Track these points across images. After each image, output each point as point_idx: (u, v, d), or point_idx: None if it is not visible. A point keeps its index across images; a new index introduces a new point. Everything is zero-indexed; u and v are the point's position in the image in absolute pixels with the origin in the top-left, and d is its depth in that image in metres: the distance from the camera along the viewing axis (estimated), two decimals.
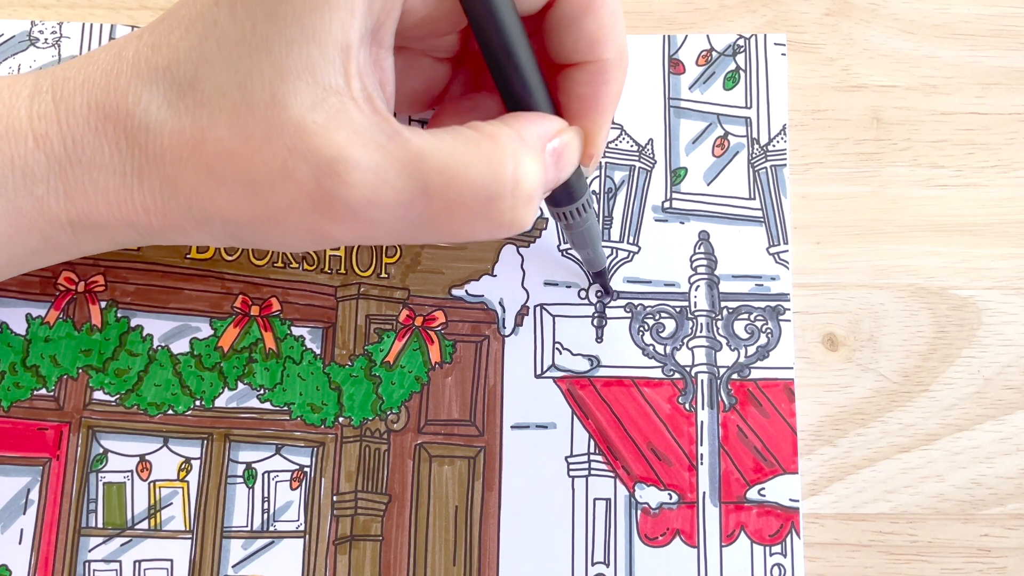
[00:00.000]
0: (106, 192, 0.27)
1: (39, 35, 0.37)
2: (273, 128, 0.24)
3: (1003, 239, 0.36)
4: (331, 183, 0.24)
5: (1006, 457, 0.35)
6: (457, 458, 0.34)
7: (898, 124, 0.37)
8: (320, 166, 0.24)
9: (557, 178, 0.28)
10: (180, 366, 0.35)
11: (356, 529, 0.34)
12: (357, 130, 0.24)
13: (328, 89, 0.24)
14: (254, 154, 0.25)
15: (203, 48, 0.25)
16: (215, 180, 0.25)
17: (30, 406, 0.34)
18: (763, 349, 0.35)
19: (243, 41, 0.24)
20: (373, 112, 0.25)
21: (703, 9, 0.38)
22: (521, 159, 0.25)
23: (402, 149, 0.25)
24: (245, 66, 0.24)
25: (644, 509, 0.34)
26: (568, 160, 0.28)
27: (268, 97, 0.24)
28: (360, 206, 0.25)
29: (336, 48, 0.24)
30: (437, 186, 0.25)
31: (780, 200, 0.36)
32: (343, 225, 0.25)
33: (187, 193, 0.26)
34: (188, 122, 0.25)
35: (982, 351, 0.35)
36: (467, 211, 0.25)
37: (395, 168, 0.25)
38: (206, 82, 0.25)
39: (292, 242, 0.27)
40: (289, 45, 0.24)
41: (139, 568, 0.33)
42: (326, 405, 0.34)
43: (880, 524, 0.34)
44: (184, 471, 0.34)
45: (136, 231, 0.28)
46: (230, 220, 0.26)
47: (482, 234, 0.26)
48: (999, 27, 0.38)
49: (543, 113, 0.28)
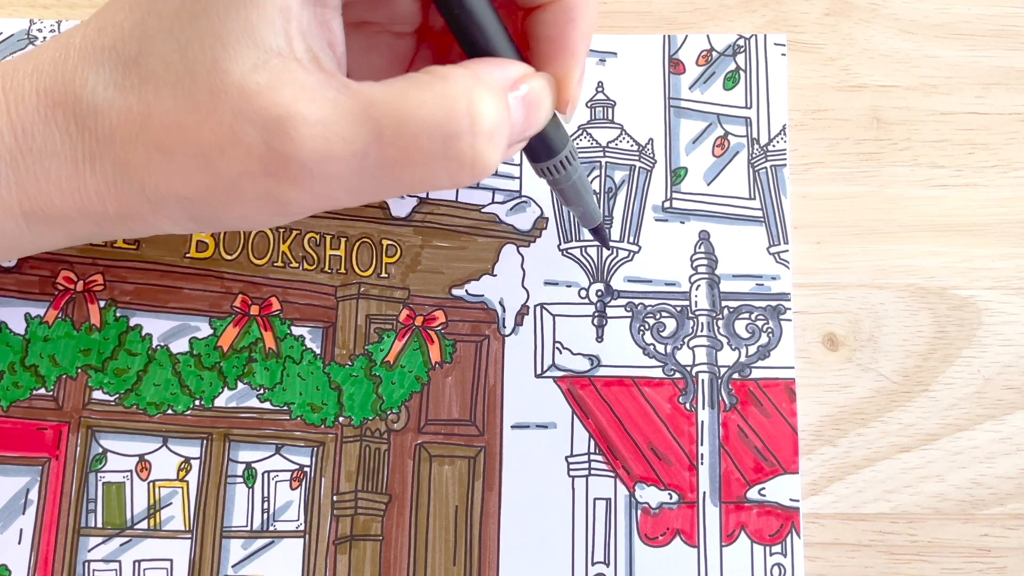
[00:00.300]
0: (59, 180, 0.26)
1: (38, 33, 0.37)
2: (217, 94, 0.24)
3: (1003, 239, 0.36)
4: (280, 142, 0.24)
5: (1006, 457, 0.35)
6: (457, 458, 0.34)
7: (898, 124, 0.37)
8: (267, 126, 0.24)
9: (527, 125, 0.27)
10: (179, 366, 0.35)
11: (356, 529, 0.34)
12: (302, 87, 0.24)
13: (269, 51, 0.24)
14: (200, 123, 0.24)
15: (146, 23, 0.25)
16: (165, 155, 0.25)
17: (29, 406, 0.34)
18: (764, 349, 0.35)
19: (183, 11, 0.24)
20: (319, 70, 0.24)
21: (703, 9, 0.38)
22: (476, 95, 0.25)
23: (351, 99, 0.24)
24: (186, 35, 0.24)
25: (644, 509, 0.34)
26: (540, 107, 0.27)
27: (210, 64, 0.24)
28: (313, 162, 0.24)
29: (275, 10, 0.24)
30: (390, 130, 0.24)
31: (780, 200, 0.36)
32: (300, 187, 0.25)
33: (139, 173, 0.25)
34: (135, 99, 0.25)
35: (982, 351, 0.35)
36: (424, 153, 0.24)
37: (345, 118, 0.24)
38: (149, 56, 0.25)
39: (252, 214, 0.26)
40: (227, 9, 0.24)
41: (139, 568, 0.33)
42: (326, 405, 0.34)
43: (880, 524, 0.34)
44: (184, 471, 0.34)
45: (93, 221, 0.27)
46: (185, 197, 0.26)
47: (444, 179, 0.26)
48: (999, 27, 0.38)
49: (504, 59, 0.27)
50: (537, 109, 0.27)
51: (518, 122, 0.27)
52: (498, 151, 0.25)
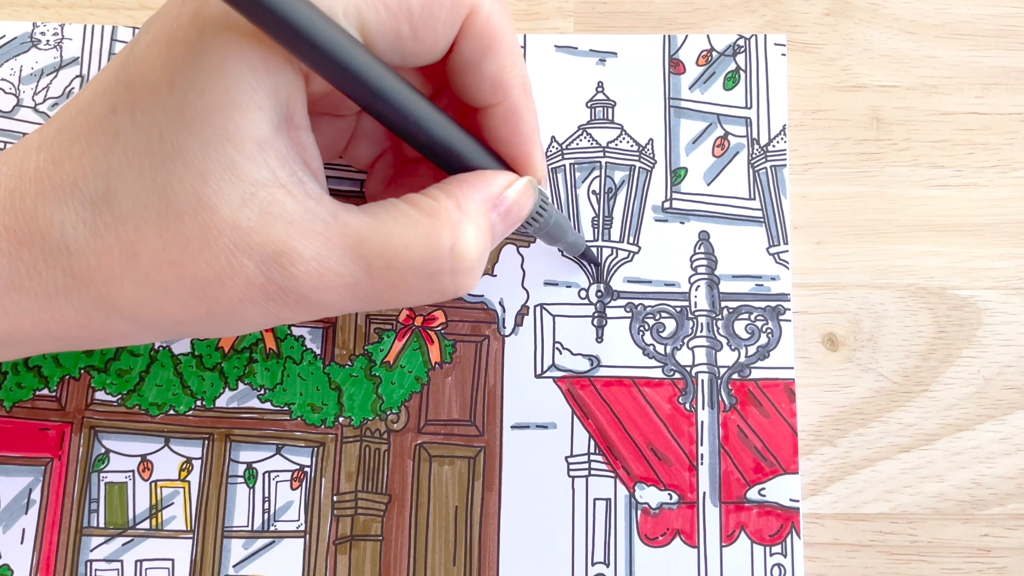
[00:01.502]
0: (29, 311, 0.26)
1: (41, 36, 0.37)
2: (208, 231, 0.24)
3: (1003, 239, 0.36)
4: (279, 276, 0.24)
5: (1006, 457, 0.35)
6: (457, 458, 0.34)
7: (898, 124, 0.37)
8: (264, 260, 0.24)
9: (508, 229, 0.28)
10: (181, 366, 0.35)
11: (356, 529, 0.34)
12: (292, 221, 0.24)
13: (255, 184, 0.24)
14: (195, 258, 0.24)
15: (110, 161, 0.24)
16: (159, 290, 0.25)
17: (32, 406, 0.34)
18: (763, 349, 0.35)
19: (152, 150, 0.24)
20: (306, 197, 0.25)
21: (703, 9, 0.38)
22: (460, 233, 0.26)
23: (341, 235, 0.25)
24: (162, 175, 0.24)
25: (644, 509, 0.34)
26: (521, 211, 0.28)
27: (194, 202, 0.24)
28: (310, 292, 0.25)
29: (253, 143, 0.24)
30: (379, 269, 0.25)
31: (780, 200, 0.36)
32: (296, 309, 0.26)
33: (128, 307, 0.25)
34: (113, 239, 0.24)
35: (982, 351, 0.35)
36: (410, 287, 0.26)
37: (336, 255, 0.25)
38: (122, 196, 0.24)
39: (247, 328, 0.27)
40: (204, 149, 0.24)
41: (140, 568, 0.33)
42: (326, 405, 0.35)
43: (880, 524, 0.34)
44: (185, 471, 0.34)
45: (65, 343, 0.27)
46: (180, 321, 0.26)
47: (427, 301, 0.27)
48: (999, 27, 0.38)
49: (487, 171, 0.28)
50: (519, 212, 0.28)
51: (498, 231, 0.28)
52: (478, 275, 0.27)
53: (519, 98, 0.28)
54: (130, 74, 0.25)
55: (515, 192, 0.28)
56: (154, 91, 0.24)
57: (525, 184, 0.28)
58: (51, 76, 0.37)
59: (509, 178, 0.28)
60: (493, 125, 0.29)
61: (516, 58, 0.28)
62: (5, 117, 0.36)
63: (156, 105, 0.24)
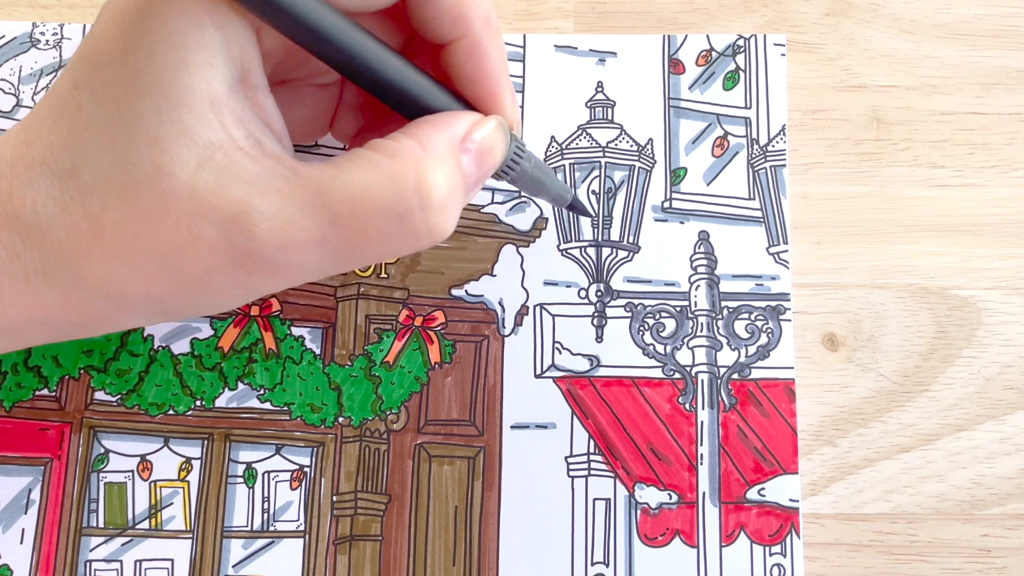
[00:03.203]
0: (11, 295, 0.25)
1: (40, 36, 0.37)
2: (166, 198, 0.24)
3: (1003, 239, 0.36)
4: (241, 238, 0.24)
5: (1006, 457, 0.35)
6: (457, 458, 0.34)
7: (898, 124, 0.37)
8: (225, 223, 0.24)
9: (482, 174, 0.27)
10: (181, 366, 0.35)
11: (356, 529, 0.34)
12: (251, 180, 0.24)
13: (210, 146, 0.24)
14: (155, 228, 0.24)
15: (75, 136, 0.24)
16: (125, 264, 0.24)
17: (32, 406, 0.34)
18: (763, 349, 0.35)
19: (111, 120, 0.24)
20: (264, 156, 0.24)
21: (703, 9, 0.38)
22: (424, 170, 0.25)
23: (302, 188, 0.24)
24: (120, 145, 0.24)
25: (644, 509, 0.34)
26: (493, 153, 0.27)
27: (152, 170, 0.23)
28: (275, 252, 0.24)
29: (206, 104, 0.24)
30: (345, 216, 0.24)
31: (780, 200, 0.36)
32: (266, 274, 0.25)
33: (100, 284, 0.25)
34: (80, 214, 0.24)
35: (982, 351, 0.35)
36: (380, 233, 0.25)
37: (299, 208, 0.24)
38: (86, 169, 0.24)
39: (222, 302, 0.26)
40: (157, 113, 0.23)
41: (140, 568, 0.33)
42: (326, 405, 0.35)
43: (880, 524, 0.34)
44: (185, 471, 0.34)
45: (52, 329, 0.27)
46: (155, 298, 0.25)
47: (403, 250, 0.26)
48: (999, 27, 0.38)
49: (451, 112, 0.27)
50: (491, 156, 0.27)
51: (472, 177, 0.27)
52: (452, 216, 0.26)
53: (481, 31, 0.28)
54: (89, 48, 0.25)
55: (483, 132, 0.27)
56: (110, 62, 0.24)
57: (493, 124, 0.27)
58: (50, 76, 0.37)
59: (474, 118, 0.27)
60: (456, 62, 0.28)
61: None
62: (4, 117, 0.36)
63: (113, 75, 0.24)
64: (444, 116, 0.27)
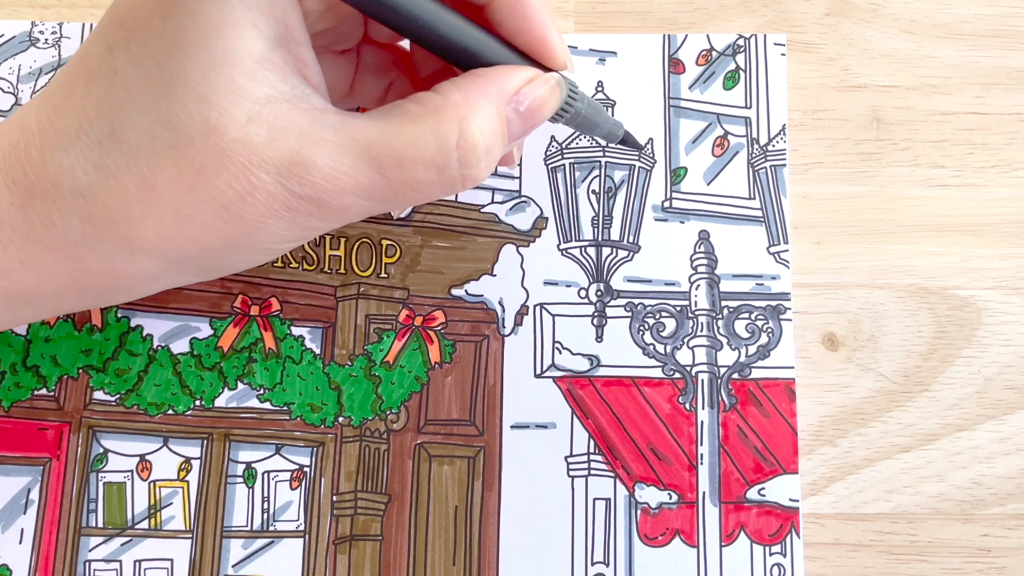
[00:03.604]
0: (49, 264, 0.25)
1: (39, 35, 0.37)
2: (221, 153, 0.24)
3: (1003, 239, 0.36)
4: (297, 186, 0.25)
5: (1006, 457, 0.35)
6: (457, 458, 0.34)
7: (898, 124, 0.37)
8: (281, 172, 0.24)
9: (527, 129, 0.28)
10: (180, 366, 0.35)
11: (356, 529, 0.34)
12: (302, 132, 0.25)
13: (258, 101, 0.24)
14: (213, 181, 0.24)
15: (111, 99, 0.24)
16: (183, 219, 0.25)
17: (30, 406, 0.34)
18: (764, 349, 0.35)
19: (152, 81, 0.24)
20: (311, 108, 0.25)
21: (703, 9, 0.38)
22: (467, 126, 0.26)
23: (351, 140, 0.25)
24: (165, 104, 0.24)
25: (644, 509, 0.34)
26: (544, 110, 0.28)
27: (202, 126, 0.24)
28: (330, 197, 0.25)
29: (252, 61, 0.24)
30: (390, 168, 0.25)
31: (780, 200, 0.36)
32: (319, 217, 0.26)
33: (154, 242, 0.25)
34: (127, 177, 0.24)
35: (982, 351, 0.35)
36: (421, 182, 0.26)
37: (349, 159, 0.25)
38: (129, 131, 0.24)
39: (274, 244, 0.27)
40: (204, 72, 0.24)
41: (139, 568, 0.33)
42: (326, 405, 0.34)
43: (880, 524, 0.34)
44: (184, 471, 0.34)
45: (91, 295, 0.27)
46: (211, 248, 0.26)
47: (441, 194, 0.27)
48: (999, 27, 0.38)
49: (507, 67, 0.28)
50: (541, 112, 0.28)
51: (517, 131, 0.28)
52: (489, 168, 0.27)
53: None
54: (122, 12, 0.25)
55: (537, 88, 0.28)
56: (147, 24, 0.24)
57: (551, 82, 0.28)
58: (49, 75, 0.37)
59: (530, 73, 0.28)
60: (501, 18, 0.28)
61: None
62: (3, 116, 0.36)
63: (151, 36, 0.24)
64: (496, 71, 0.27)
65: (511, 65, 0.28)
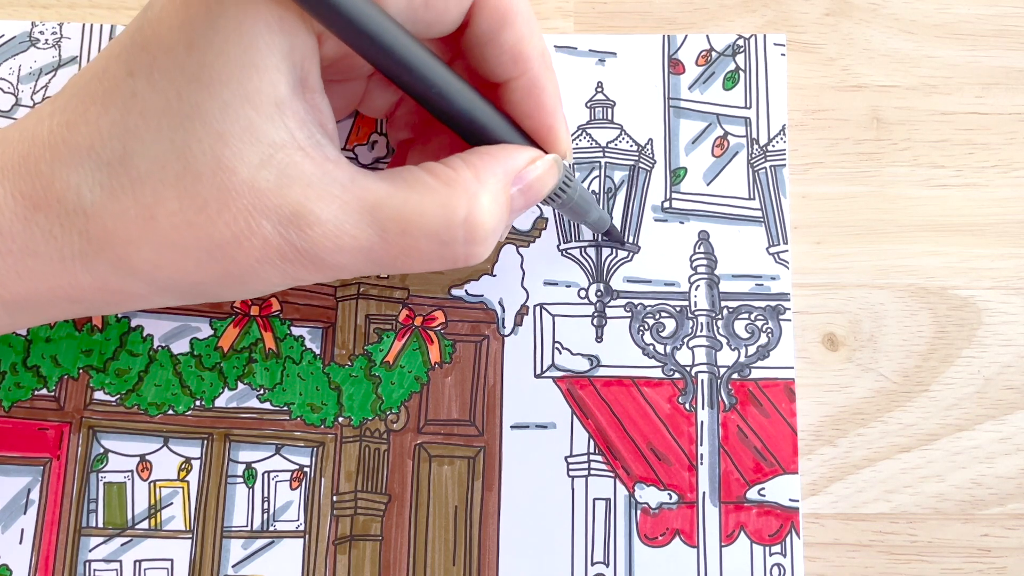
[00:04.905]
0: (45, 276, 0.26)
1: (40, 36, 0.37)
2: (226, 192, 0.24)
3: (1003, 239, 0.36)
4: (296, 237, 0.25)
5: (1006, 457, 0.35)
6: (457, 458, 0.34)
7: (898, 124, 0.37)
8: (282, 222, 0.24)
9: (527, 205, 0.28)
10: (180, 366, 0.35)
11: (356, 529, 0.34)
12: (310, 183, 0.25)
13: (273, 145, 0.24)
14: (213, 220, 0.24)
15: (127, 123, 0.24)
16: (178, 252, 0.25)
17: (31, 406, 0.34)
18: (763, 349, 0.35)
19: (170, 110, 0.24)
20: (324, 159, 0.25)
21: (703, 9, 0.38)
22: (476, 204, 0.26)
23: (358, 199, 0.25)
24: (180, 136, 0.24)
25: (644, 509, 0.34)
26: (543, 188, 0.29)
27: (213, 163, 0.24)
28: (325, 254, 0.25)
29: (272, 105, 0.24)
30: (393, 234, 0.25)
31: (780, 200, 0.36)
32: (311, 270, 0.26)
33: (146, 269, 0.25)
34: (131, 201, 0.24)
35: (982, 351, 0.35)
36: (422, 253, 0.26)
37: (352, 218, 0.25)
38: (140, 157, 0.24)
39: (263, 289, 0.27)
40: (223, 109, 0.24)
41: (139, 568, 0.33)
42: (326, 405, 0.34)
43: (880, 524, 0.34)
44: (184, 471, 0.34)
45: (82, 306, 0.27)
46: (199, 282, 0.26)
47: (439, 267, 0.27)
48: (999, 27, 0.38)
49: (511, 146, 0.28)
50: (540, 190, 0.29)
51: (518, 207, 0.28)
52: (490, 247, 0.27)
53: (539, 69, 0.28)
54: (146, 36, 0.25)
55: (538, 169, 0.28)
56: (172, 52, 0.24)
57: (550, 162, 0.29)
58: (50, 75, 0.37)
59: (533, 154, 0.28)
60: (515, 99, 0.29)
61: (534, 28, 0.28)
62: (3, 116, 0.36)
63: (174, 66, 0.24)
64: (503, 149, 0.28)
65: (516, 145, 0.28)
